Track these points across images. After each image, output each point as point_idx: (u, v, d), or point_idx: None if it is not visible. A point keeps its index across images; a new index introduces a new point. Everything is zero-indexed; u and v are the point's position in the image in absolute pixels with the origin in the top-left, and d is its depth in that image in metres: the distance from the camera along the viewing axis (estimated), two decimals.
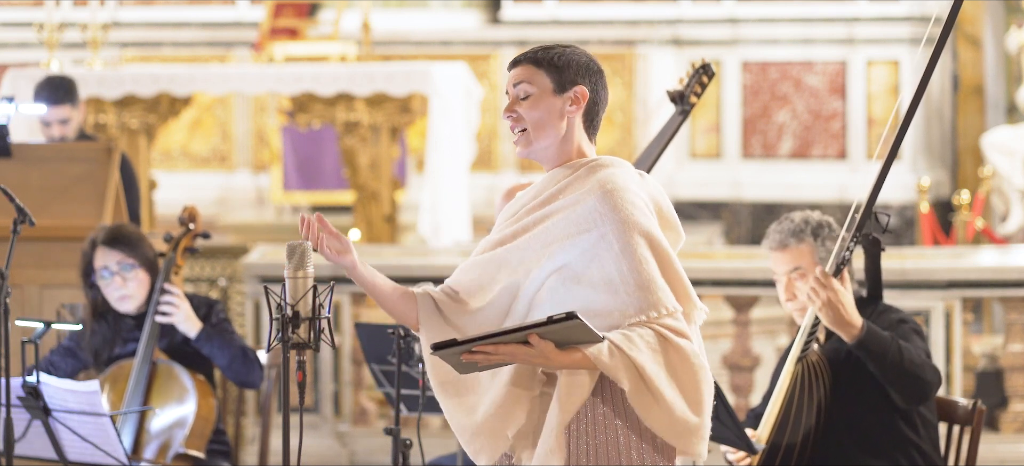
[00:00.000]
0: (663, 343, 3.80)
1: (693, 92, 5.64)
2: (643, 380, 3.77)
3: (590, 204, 3.85)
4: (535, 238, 3.90)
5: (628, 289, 3.80)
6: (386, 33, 12.48)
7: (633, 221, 3.84)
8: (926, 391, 5.02)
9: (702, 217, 12.60)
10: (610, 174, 3.89)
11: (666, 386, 3.80)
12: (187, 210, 5.99)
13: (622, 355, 3.75)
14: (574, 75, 3.95)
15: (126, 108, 9.85)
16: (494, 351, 3.74)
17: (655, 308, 3.80)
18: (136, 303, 5.80)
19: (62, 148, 7.24)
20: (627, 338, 3.76)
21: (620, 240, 3.82)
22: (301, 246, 3.81)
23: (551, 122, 3.94)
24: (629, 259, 3.81)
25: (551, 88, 3.93)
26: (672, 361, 3.82)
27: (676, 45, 12.62)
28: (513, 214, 4.01)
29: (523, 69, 3.96)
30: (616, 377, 3.77)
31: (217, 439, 5.86)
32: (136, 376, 5.70)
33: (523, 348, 3.75)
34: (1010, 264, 7.94)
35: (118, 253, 5.76)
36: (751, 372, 7.71)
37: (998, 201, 11.29)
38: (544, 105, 3.94)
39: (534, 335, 3.73)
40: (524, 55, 3.98)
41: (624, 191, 3.87)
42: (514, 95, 3.96)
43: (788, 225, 5.23)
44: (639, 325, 3.78)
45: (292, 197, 12.39)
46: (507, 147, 12.70)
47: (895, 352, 4.95)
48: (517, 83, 3.95)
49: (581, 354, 3.75)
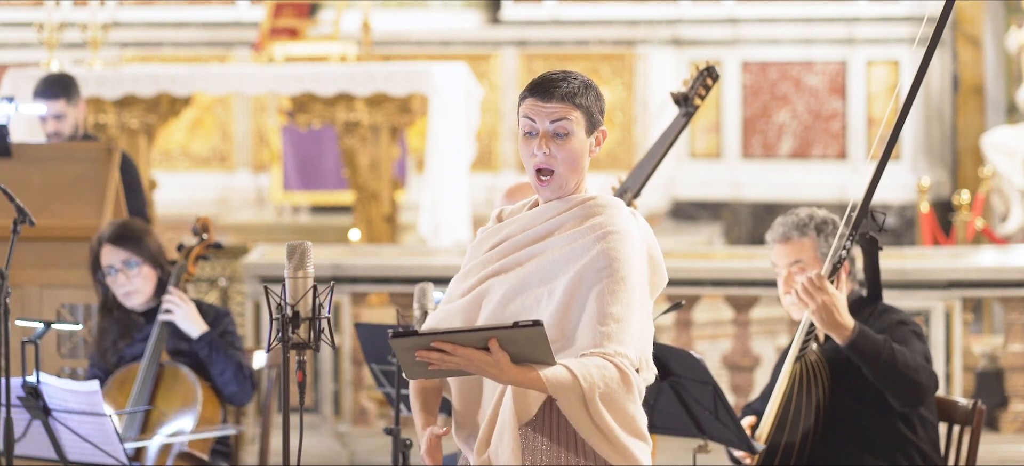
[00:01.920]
0: (622, 378, 3.76)
1: (697, 94, 5.63)
2: (589, 409, 3.74)
3: (586, 243, 3.82)
4: (531, 275, 3.86)
5: (603, 324, 3.76)
6: (386, 33, 12.48)
7: (627, 269, 3.80)
8: (921, 394, 5.02)
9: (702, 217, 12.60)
10: (609, 217, 3.86)
11: (609, 418, 3.77)
12: (201, 220, 6.03)
13: (574, 382, 3.71)
14: (599, 116, 3.91)
15: (126, 108, 9.85)
16: (451, 351, 3.66)
17: (622, 348, 3.76)
18: (143, 298, 5.83)
19: (62, 148, 7.23)
20: (583, 366, 3.73)
21: (610, 282, 3.78)
22: (301, 246, 3.81)
23: (580, 164, 3.90)
24: (613, 300, 3.77)
25: (584, 130, 3.88)
26: (621, 396, 3.77)
27: (676, 45, 12.63)
28: (497, 248, 3.95)
29: (560, 107, 3.86)
30: (564, 400, 3.74)
31: (220, 441, 5.87)
32: (142, 377, 5.72)
33: (479, 354, 3.68)
34: (1010, 264, 7.94)
35: (123, 251, 5.78)
36: (751, 372, 7.71)
37: (998, 201, 11.29)
38: (577, 147, 3.88)
39: (494, 341, 3.67)
40: (557, 90, 3.86)
41: (622, 236, 3.83)
42: (549, 131, 3.87)
43: (792, 219, 5.25)
44: (601, 357, 3.74)
45: (292, 197, 12.39)
46: (507, 147, 12.70)
47: (888, 354, 4.96)
48: (555, 120, 3.86)
49: (535, 374, 3.69)
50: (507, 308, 3.86)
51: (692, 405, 4.97)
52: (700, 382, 4.91)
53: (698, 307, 7.94)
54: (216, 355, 5.77)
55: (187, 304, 5.78)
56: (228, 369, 5.76)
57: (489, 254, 3.96)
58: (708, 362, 5.06)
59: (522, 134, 3.92)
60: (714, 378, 4.93)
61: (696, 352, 5.00)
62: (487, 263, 3.95)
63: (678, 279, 7.47)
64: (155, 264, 5.83)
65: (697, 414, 4.97)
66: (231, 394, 5.81)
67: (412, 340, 3.67)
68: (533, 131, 3.89)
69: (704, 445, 5.07)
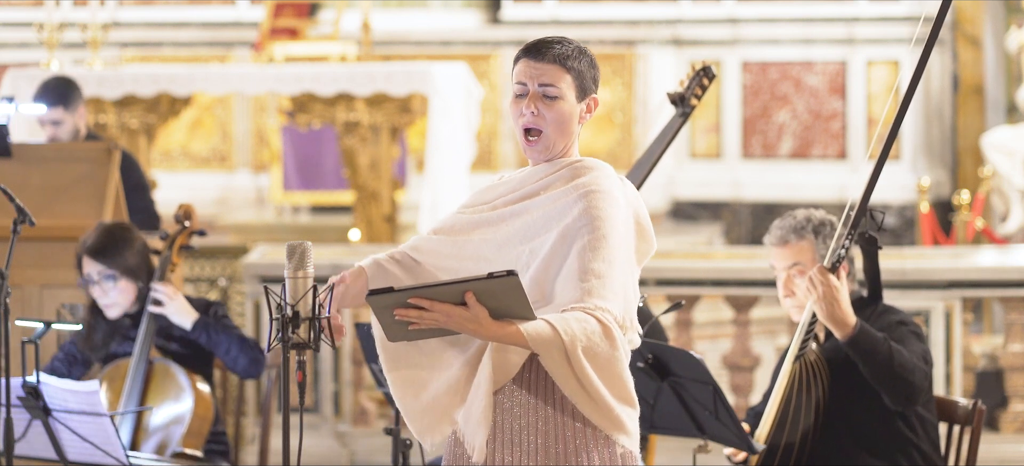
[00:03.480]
0: (604, 331, 3.71)
1: (693, 94, 5.64)
2: (571, 364, 3.70)
3: (569, 202, 3.81)
4: (515, 233, 3.86)
5: (585, 280, 3.72)
6: (386, 33, 12.48)
7: (609, 226, 3.78)
8: (913, 394, 5.02)
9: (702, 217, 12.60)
10: (594, 177, 3.84)
11: (593, 374, 3.73)
12: (183, 207, 5.98)
13: (554, 335, 3.66)
14: (592, 84, 3.91)
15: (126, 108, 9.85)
16: (429, 308, 3.63)
17: (604, 303, 3.72)
18: (121, 309, 5.81)
19: (62, 148, 7.23)
20: (564, 320, 3.68)
21: (592, 238, 3.76)
22: (301, 246, 3.81)
23: (569, 128, 3.89)
24: (594, 256, 3.74)
25: (574, 94, 3.88)
26: (604, 352, 3.72)
27: (676, 45, 12.63)
28: (489, 202, 3.95)
29: (550, 68, 3.86)
30: (546, 356, 3.70)
31: (216, 439, 5.85)
32: (132, 375, 5.70)
33: (458, 310, 3.64)
34: (1010, 264, 7.94)
35: (99, 264, 5.75)
36: (751, 372, 7.71)
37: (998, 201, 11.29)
38: (566, 110, 3.87)
39: (470, 295, 3.64)
40: (550, 52, 3.87)
41: (606, 195, 3.81)
42: (537, 93, 3.87)
43: (790, 222, 5.24)
44: (582, 310, 3.70)
45: (292, 197, 12.39)
46: (507, 147, 12.70)
47: (886, 353, 4.96)
48: (544, 83, 3.86)
49: (514, 328, 3.66)
50: (489, 266, 3.82)
51: (692, 405, 4.97)
52: (700, 382, 4.91)
53: (698, 307, 7.94)
54: (216, 336, 5.75)
55: (177, 296, 5.76)
56: (233, 345, 5.74)
57: (479, 209, 3.95)
58: (708, 362, 5.06)
59: (513, 95, 3.92)
60: (714, 378, 4.93)
61: (696, 352, 5.00)
62: (475, 219, 3.94)
63: (678, 279, 7.48)
64: (133, 276, 5.78)
65: (697, 414, 4.97)
66: (245, 367, 5.77)
67: (389, 297, 3.65)
68: (524, 92, 3.89)
69: (704, 445, 5.07)
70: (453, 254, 3.93)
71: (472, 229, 3.94)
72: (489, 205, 3.95)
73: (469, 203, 4.00)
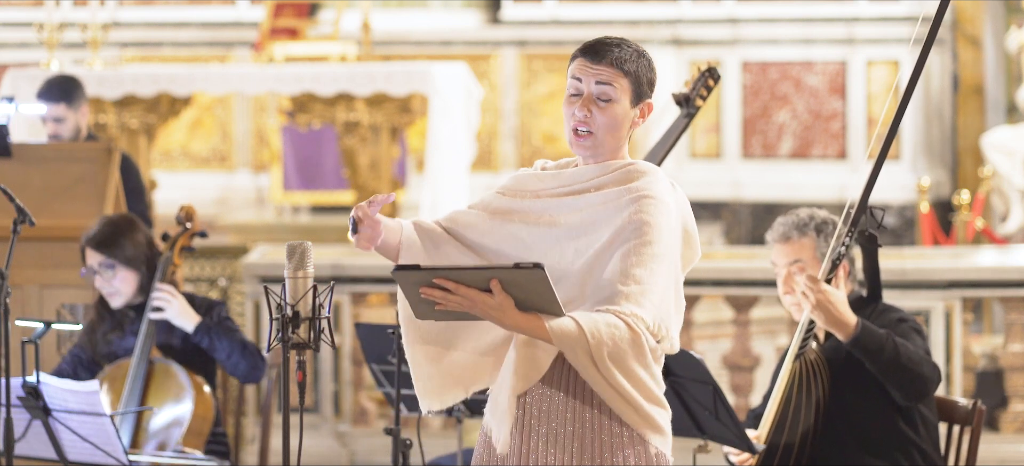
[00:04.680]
0: (632, 338, 3.69)
1: (698, 95, 5.64)
2: (597, 365, 3.69)
3: (621, 205, 3.78)
4: (561, 228, 3.83)
5: (625, 283, 3.71)
6: (386, 33, 12.48)
7: (656, 233, 3.76)
8: (925, 387, 5.01)
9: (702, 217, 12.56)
10: (648, 182, 3.81)
11: (621, 376, 3.72)
12: (184, 209, 5.99)
13: (580, 334, 3.65)
14: (648, 88, 3.89)
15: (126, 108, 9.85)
16: (454, 290, 3.63)
17: (639, 309, 3.70)
18: (124, 299, 5.83)
19: (62, 148, 7.24)
20: (593, 320, 3.67)
21: (638, 244, 3.74)
22: (301, 246, 3.81)
23: (621, 132, 3.86)
24: (638, 261, 3.73)
25: (629, 99, 3.85)
26: (631, 357, 3.72)
27: (676, 45, 12.63)
28: (532, 190, 3.91)
29: (608, 70, 3.82)
30: (571, 354, 3.68)
31: (216, 439, 5.86)
32: (133, 375, 5.70)
33: (482, 296, 3.63)
34: (1010, 264, 7.94)
35: (99, 254, 5.79)
36: (751, 372, 7.71)
37: (998, 201, 11.29)
38: (619, 114, 3.84)
39: (496, 283, 3.63)
40: (608, 55, 3.82)
41: (658, 201, 3.78)
42: (592, 94, 3.83)
43: (793, 219, 5.25)
44: (614, 314, 3.68)
45: (292, 197, 12.39)
46: (507, 147, 12.70)
47: (891, 349, 4.95)
48: (600, 82, 3.82)
49: (538, 321, 3.65)
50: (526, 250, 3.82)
51: (692, 405, 4.97)
52: (700, 382, 4.91)
53: (698, 307, 7.94)
54: (218, 341, 5.75)
55: (178, 298, 5.77)
56: (235, 350, 5.75)
57: (522, 195, 3.92)
58: (708, 362, 5.06)
59: (567, 94, 3.88)
60: (714, 378, 4.93)
61: (696, 352, 5.00)
62: (517, 205, 3.92)
63: None
64: (134, 266, 5.81)
65: (697, 414, 4.97)
66: (244, 373, 5.78)
67: (416, 274, 3.65)
68: (578, 92, 3.86)
69: (704, 445, 5.07)
70: (489, 230, 3.91)
71: (512, 213, 3.91)
72: (532, 193, 3.91)
73: (508, 188, 3.96)
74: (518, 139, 12.65)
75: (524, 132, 12.67)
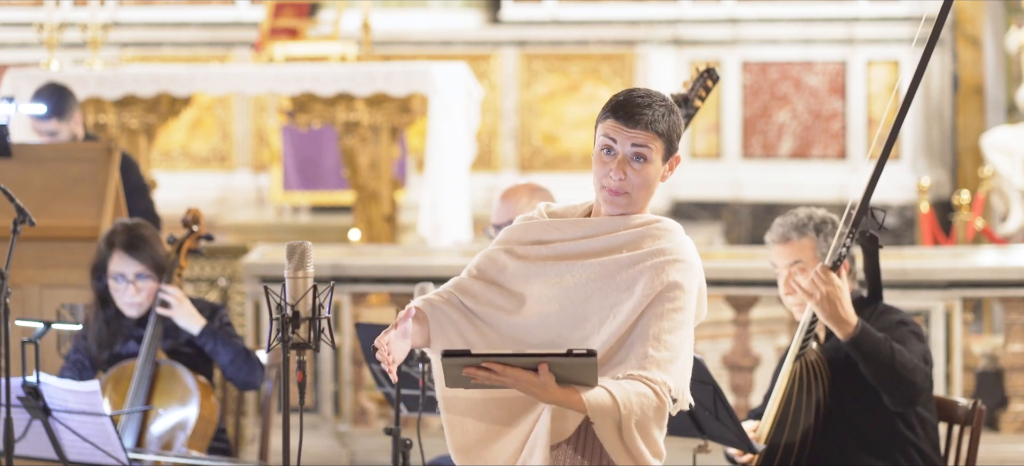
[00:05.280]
0: (658, 405, 3.79)
1: (697, 95, 5.63)
2: (622, 433, 3.77)
3: (654, 266, 3.84)
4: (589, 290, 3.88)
5: (656, 350, 3.79)
6: (386, 33, 12.48)
7: (686, 300, 3.85)
8: (914, 395, 5.02)
9: (702, 217, 12.60)
10: (677, 244, 3.89)
11: (639, 440, 3.80)
12: (191, 212, 5.99)
13: (614, 406, 3.73)
14: (677, 142, 3.93)
15: (126, 108, 9.85)
16: (500, 372, 3.68)
17: (668, 378, 3.80)
18: (142, 310, 5.81)
19: (62, 148, 7.23)
20: (624, 391, 3.75)
21: (671, 309, 3.82)
22: (301, 246, 3.81)
23: (652, 189, 3.92)
24: (670, 328, 3.81)
25: (661, 158, 3.90)
26: (652, 420, 3.81)
27: (676, 45, 12.63)
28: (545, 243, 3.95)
29: (643, 134, 3.86)
30: (600, 422, 3.76)
31: (217, 438, 5.86)
32: (139, 376, 5.70)
33: (526, 375, 3.68)
34: (1010, 264, 7.94)
35: (136, 263, 5.73)
36: (751, 372, 7.71)
37: (998, 201, 11.29)
38: (652, 173, 3.89)
39: (544, 366, 3.68)
40: (643, 118, 3.85)
41: (689, 267, 3.88)
42: (627, 155, 3.86)
43: (792, 219, 5.25)
44: (644, 382, 3.77)
45: (292, 197, 12.39)
46: (507, 147, 12.70)
47: (887, 354, 4.96)
48: (636, 145, 3.85)
49: (578, 396, 3.71)
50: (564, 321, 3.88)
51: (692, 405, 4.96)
52: (700, 382, 4.91)
53: None
54: (221, 346, 5.76)
55: (185, 301, 5.77)
56: (237, 357, 5.75)
57: (540, 248, 3.95)
58: (708, 362, 5.06)
59: (600, 151, 3.90)
60: (714, 378, 4.93)
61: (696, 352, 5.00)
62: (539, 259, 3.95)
63: None
64: (160, 275, 5.81)
65: (697, 414, 4.97)
66: (244, 380, 5.78)
67: (465, 359, 3.68)
68: (612, 151, 3.88)
69: (704, 445, 5.07)
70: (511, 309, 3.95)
71: (530, 278, 3.95)
72: (547, 247, 3.96)
73: (516, 242, 3.99)
74: (518, 139, 12.65)
75: (524, 132, 12.67)
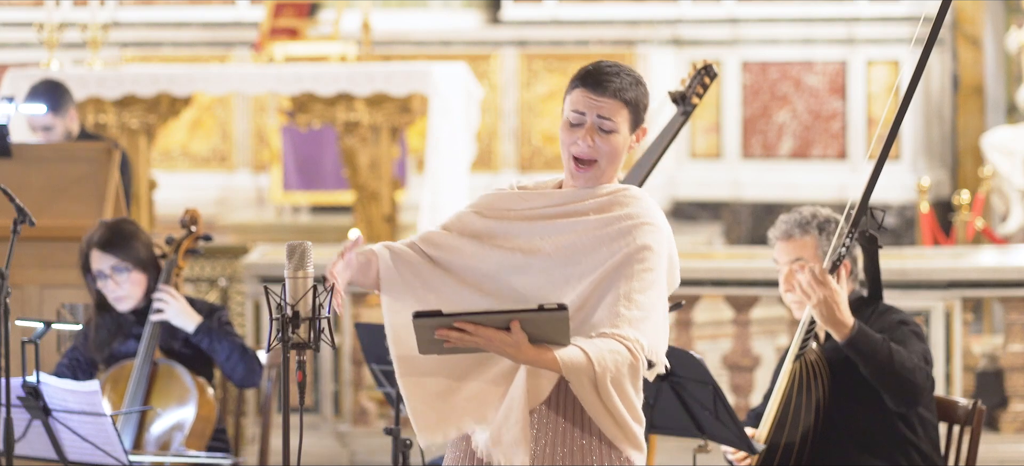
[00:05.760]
0: (632, 363, 3.77)
1: (695, 93, 5.63)
2: (598, 391, 3.76)
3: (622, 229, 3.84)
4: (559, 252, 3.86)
5: (628, 308, 3.77)
6: (386, 33, 12.48)
7: (657, 260, 3.84)
8: (915, 394, 5.02)
9: (702, 217, 12.60)
10: (645, 207, 3.88)
11: (617, 399, 3.79)
12: (189, 212, 5.99)
13: (587, 364, 3.72)
14: (644, 113, 3.93)
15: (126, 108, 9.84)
16: (472, 331, 3.66)
17: (640, 336, 3.77)
18: (132, 302, 5.80)
19: (62, 148, 7.24)
20: (598, 349, 3.74)
21: (641, 269, 3.81)
22: (301, 246, 3.81)
23: (620, 159, 3.92)
24: (641, 287, 3.80)
25: (628, 127, 3.90)
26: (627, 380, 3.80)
27: (676, 45, 12.63)
28: (516, 210, 3.94)
29: (609, 103, 3.86)
30: (576, 381, 3.75)
31: (217, 438, 5.86)
32: (137, 376, 5.70)
33: (499, 334, 3.68)
34: (1010, 264, 7.94)
35: (111, 257, 5.75)
36: (751, 372, 7.71)
37: (998, 201, 11.29)
38: (620, 143, 3.90)
39: (515, 323, 3.67)
40: (610, 86, 3.86)
41: (657, 229, 3.87)
42: (595, 125, 3.87)
43: (795, 217, 5.26)
44: (617, 340, 3.76)
45: (292, 197, 12.39)
46: (507, 147, 12.70)
47: (885, 354, 4.96)
48: (602, 116, 3.86)
49: (551, 355, 3.70)
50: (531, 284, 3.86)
51: (692, 405, 4.97)
52: (700, 382, 4.91)
53: (698, 307, 7.94)
54: (218, 343, 5.75)
55: (178, 299, 5.76)
56: (234, 353, 5.74)
57: (509, 213, 3.95)
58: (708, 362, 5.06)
59: (567, 122, 3.91)
60: (714, 378, 4.93)
61: (696, 352, 5.00)
62: (508, 221, 3.94)
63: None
64: (144, 268, 5.80)
65: (697, 414, 4.97)
66: (242, 377, 5.78)
67: (437, 320, 3.67)
68: (580, 121, 3.89)
69: (704, 445, 5.07)
70: (475, 254, 3.93)
71: (495, 237, 3.94)
72: (517, 214, 3.94)
73: (485, 207, 3.98)
74: (518, 139, 12.65)
75: (524, 132, 12.67)
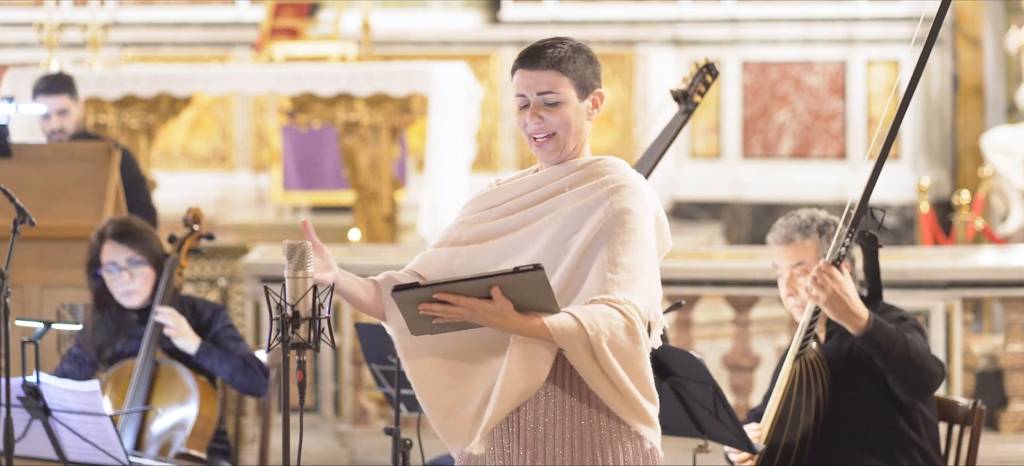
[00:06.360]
0: (628, 326, 3.72)
1: (697, 91, 5.63)
2: (596, 357, 3.71)
3: (599, 197, 3.82)
4: (542, 234, 3.85)
5: (614, 272, 3.74)
6: (386, 33, 12.48)
7: (639, 222, 3.81)
8: (931, 382, 5.00)
9: (702, 217, 12.60)
10: (622, 174, 3.86)
11: (618, 367, 3.74)
12: (192, 211, 6.00)
13: (579, 329, 3.68)
14: (594, 79, 3.92)
15: (126, 108, 9.85)
16: (454, 302, 3.65)
17: (631, 297, 3.73)
18: (141, 298, 5.81)
19: (62, 148, 7.24)
20: (589, 313, 3.69)
21: (623, 232, 3.78)
22: (301, 246, 3.80)
23: (578, 127, 3.90)
24: (625, 250, 3.77)
25: (575, 94, 3.89)
26: (627, 346, 3.74)
27: (676, 45, 12.63)
28: (497, 205, 3.94)
29: (546, 75, 3.87)
30: (570, 349, 3.71)
31: (217, 438, 5.86)
32: (138, 376, 5.70)
33: (482, 304, 3.66)
34: (1010, 264, 7.94)
35: (127, 249, 5.75)
36: (751, 372, 7.71)
37: (998, 201, 11.29)
38: (570, 112, 3.88)
39: (496, 289, 3.65)
40: (543, 58, 3.88)
41: (635, 190, 3.84)
42: (538, 102, 3.88)
43: (794, 221, 5.24)
44: (606, 303, 3.71)
45: (292, 197, 12.39)
46: (507, 147, 12.70)
47: (901, 343, 4.93)
48: (542, 91, 3.87)
49: (539, 321, 3.68)
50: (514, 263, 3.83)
51: (692, 405, 4.97)
52: (700, 382, 4.91)
53: (698, 307, 7.94)
54: (218, 362, 5.74)
55: (178, 321, 5.75)
56: (237, 370, 5.74)
57: (486, 214, 3.95)
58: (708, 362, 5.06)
59: (517, 107, 3.93)
60: (714, 378, 4.92)
61: (696, 352, 5.00)
62: (492, 219, 3.93)
63: (678, 279, 7.48)
64: (155, 265, 5.82)
65: (697, 414, 4.97)
66: (247, 389, 5.78)
67: (414, 292, 3.66)
68: (525, 103, 3.91)
69: (704, 445, 5.07)
70: (472, 256, 3.92)
71: (484, 238, 3.93)
72: (498, 209, 3.94)
73: (469, 213, 3.99)
74: (518, 139, 12.65)
75: None
